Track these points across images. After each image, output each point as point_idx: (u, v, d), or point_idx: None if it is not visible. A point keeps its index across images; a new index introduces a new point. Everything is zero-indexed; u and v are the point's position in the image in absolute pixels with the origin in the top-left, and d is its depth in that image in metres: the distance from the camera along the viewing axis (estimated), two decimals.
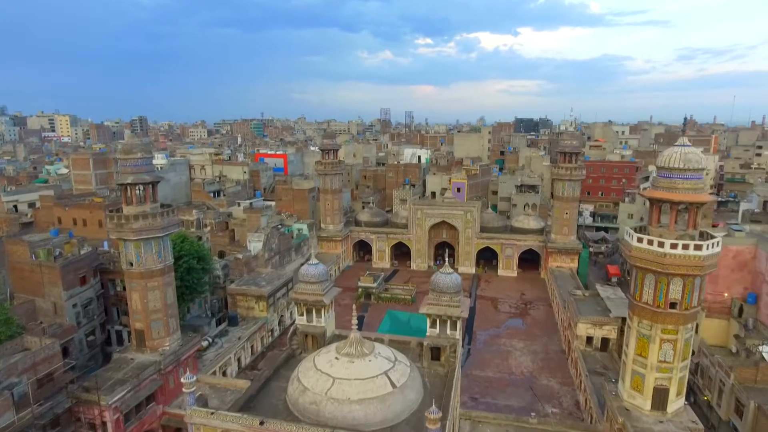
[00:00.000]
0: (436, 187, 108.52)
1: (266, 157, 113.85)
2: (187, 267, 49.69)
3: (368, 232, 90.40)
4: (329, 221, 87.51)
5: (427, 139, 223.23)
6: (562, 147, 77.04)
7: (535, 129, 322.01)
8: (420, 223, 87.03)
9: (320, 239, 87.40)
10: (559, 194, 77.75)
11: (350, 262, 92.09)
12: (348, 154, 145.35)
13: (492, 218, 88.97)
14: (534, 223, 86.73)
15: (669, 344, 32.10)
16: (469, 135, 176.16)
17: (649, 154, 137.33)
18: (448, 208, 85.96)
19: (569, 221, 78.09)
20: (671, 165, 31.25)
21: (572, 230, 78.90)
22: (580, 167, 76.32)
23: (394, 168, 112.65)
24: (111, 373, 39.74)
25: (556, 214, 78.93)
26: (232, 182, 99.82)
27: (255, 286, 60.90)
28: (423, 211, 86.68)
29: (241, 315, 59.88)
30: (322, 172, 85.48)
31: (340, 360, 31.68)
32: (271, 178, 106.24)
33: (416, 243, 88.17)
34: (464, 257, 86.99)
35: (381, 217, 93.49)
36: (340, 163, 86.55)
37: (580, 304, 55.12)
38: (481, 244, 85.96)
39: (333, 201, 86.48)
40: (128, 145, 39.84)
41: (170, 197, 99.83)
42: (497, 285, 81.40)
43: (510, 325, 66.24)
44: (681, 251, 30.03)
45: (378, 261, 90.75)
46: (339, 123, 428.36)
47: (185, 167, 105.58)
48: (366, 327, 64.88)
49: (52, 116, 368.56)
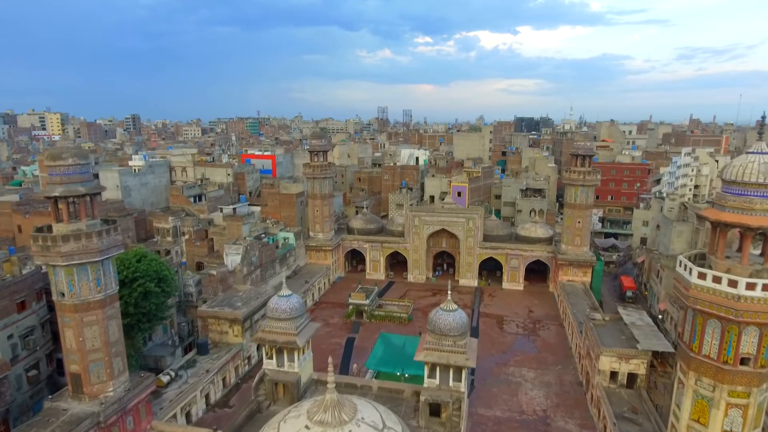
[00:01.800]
0: (435, 190, 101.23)
1: (253, 158, 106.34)
2: (143, 291, 42.27)
3: (361, 241, 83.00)
4: (318, 229, 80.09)
5: (425, 138, 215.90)
6: (575, 149, 69.74)
7: (536, 128, 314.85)
8: (417, 231, 79.69)
9: (308, 249, 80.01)
10: (571, 201, 70.45)
11: (342, 272, 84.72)
12: (342, 154, 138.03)
13: (496, 226, 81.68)
14: (542, 232, 79.46)
15: (738, 410, 24.88)
16: (469, 134, 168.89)
17: (659, 155, 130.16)
18: (448, 216, 78.62)
19: (582, 231, 70.81)
20: (746, 179, 23.88)
21: (585, 241, 71.63)
22: (594, 171, 69.04)
23: (390, 170, 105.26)
24: (37, 429, 32.33)
25: (567, 223, 71.62)
26: (215, 185, 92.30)
27: (229, 308, 53.47)
28: (421, 218, 79.34)
29: (214, 340, 52.48)
30: (311, 176, 78.04)
31: (312, 430, 24.38)
32: (258, 181, 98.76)
33: (413, 253, 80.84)
34: (466, 268, 79.68)
35: (375, 224, 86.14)
36: (330, 165, 79.12)
37: (601, 332, 47.85)
38: (484, 255, 78.65)
39: (322, 207, 79.05)
40: (57, 149, 32.36)
41: (149, 201, 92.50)
42: (502, 300, 74.14)
43: (518, 349, 58.94)
44: (761, 293, 22.72)
45: (372, 272, 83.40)
46: (336, 122, 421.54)
47: (165, 169, 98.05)
48: (356, 352, 57.65)
49: (42, 114, 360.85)
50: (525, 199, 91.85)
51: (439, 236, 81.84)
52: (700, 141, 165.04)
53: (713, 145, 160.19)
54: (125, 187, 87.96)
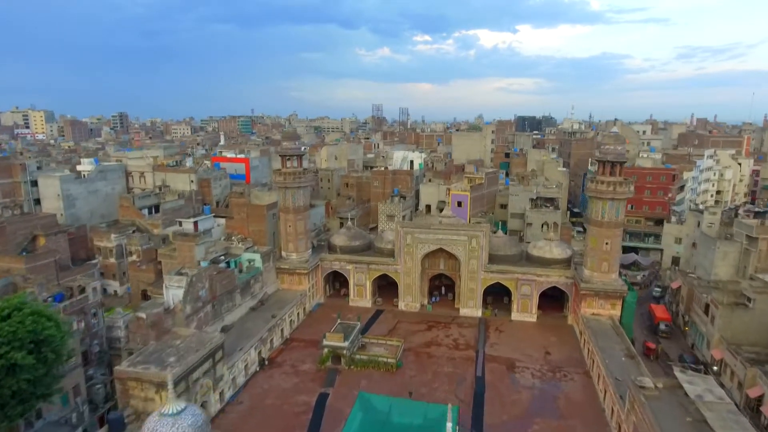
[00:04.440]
0: (432, 199, 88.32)
1: (224, 161, 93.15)
2: (5, 365, 29.31)
3: (344, 261, 70.00)
4: (291, 248, 67.12)
5: (422, 138, 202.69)
6: (603, 153, 56.83)
7: (538, 127, 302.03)
8: (410, 251, 66.78)
9: (280, 272, 67.07)
10: (597, 217, 57.55)
11: (321, 298, 71.79)
12: (330, 156, 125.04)
13: (503, 243, 68.82)
14: (558, 251, 66.62)
15: None
16: (469, 134, 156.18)
17: (680, 158, 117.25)
18: (447, 233, 65.69)
19: (610, 254, 57.94)
20: None
21: (614, 266, 58.78)
22: (626, 182, 56.15)
23: (380, 175, 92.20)
24: None
25: (591, 244, 58.72)
26: (175, 194, 79.24)
27: (157, 365, 40.40)
28: (414, 235, 66.40)
29: (136, 411, 39.49)
30: (282, 185, 65.01)
31: None
32: (228, 188, 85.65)
33: (405, 276, 67.93)
34: (467, 296, 66.80)
35: (361, 240, 73.17)
36: (306, 172, 66.12)
37: (656, 408, 35.00)
38: (489, 280, 65.80)
39: (296, 222, 66.08)
40: None
41: (99, 213, 79.48)
42: (512, 335, 61.28)
43: (536, 411, 45.98)
44: None
45: (356, 298, 70.48)
46: (332, 120, 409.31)
47: (120, 175, 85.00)
48: (329, 416, 44.70)
49: (26, 112, 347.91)
50: (536, 211, 78.99)
51: (436, 256, 68.98)
52: (719, 142, 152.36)
53: (734, 146, 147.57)
54: (68, 196, 74.97)
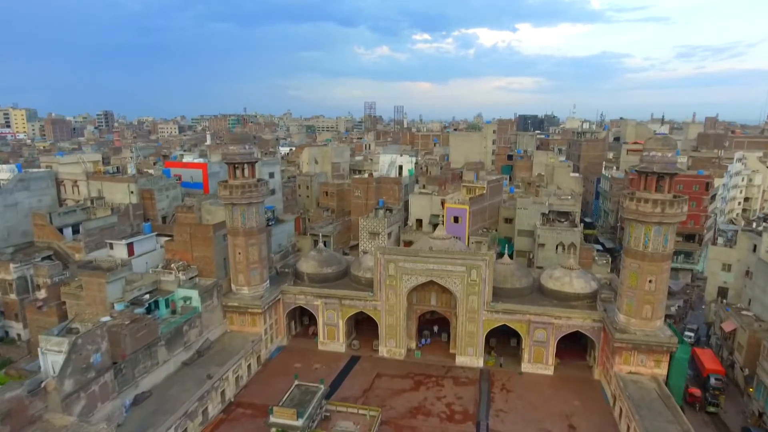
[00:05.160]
0: (424, 212, 74.09)
1: (176, 167, 78.75)
2: None
3: (310, 295, 55.82)
4: (242, 281, 52.89)
5: (418, 138, 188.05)
6: (647, 162, 42.68)
7: (540, 126, 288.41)
8: (393, 283, 52.61)
9: (228, 311, 52.89)
10: (638, 246, 43.38)
11: (284, 340, 57.70)
12: (311, 159, 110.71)
13: (511, 273, 54.71)
14: (580, 284, 52.56)
15: None
16: (468, 134, 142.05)
17: (708, 162, 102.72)
18: (440, 261, 51.48)
19: (655, 295, 43.76)
20: None
21: (659, 311, 44.59)
22: (680, 201, 41.99)
23: (362, 184, 77.81)
24: None
25: (629, 282, 44.52)
26: (107, 208, 64.97)
27: None
28: (398, 265, 52.21)
29: None
30: (228, 201, 50.78)
31: None
32: (180, 200, 71.31)
33: (387, 316, 53.79)
34: (466, 341, 52.66)
35: (335, 266, 59.08)
36: (261, 184, 51.79)
37: None
38: (494, 322, 51.68)
39: (247, 248, 51.82)
40: None
41: (19, 231, 65.23)
42: (523, 398, 47.13)
43: None
44: None
45: (327, 340, 56.35)
46: (327, 119, 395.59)
47: (48, 183, 70.67)
48: None
49: (7, 110, 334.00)
50: (549, 229, 64.77)
51: (427, 289, 54.89)
52: (743, 143, 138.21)
53: (759, 147, 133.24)
54: None
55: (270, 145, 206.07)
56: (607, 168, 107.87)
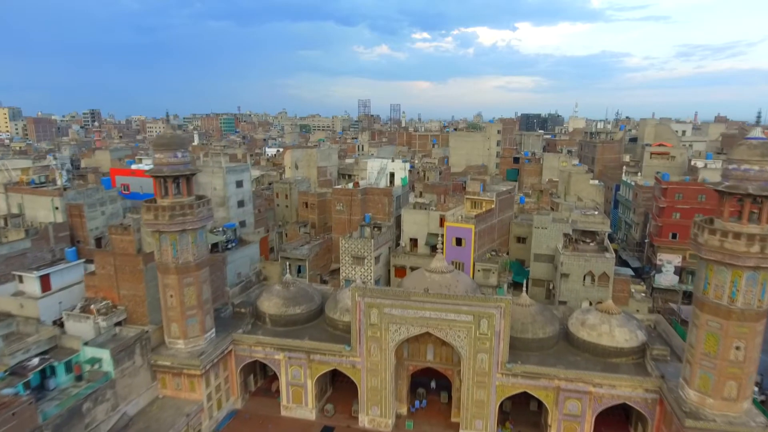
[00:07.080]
0: (420, 230, 61.10)
1: (125, 174, 65.77)
2: None
3: (270, 347, 42.85)
4: (177, 332, 39.92)
5: (415, 138, 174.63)
6: (737, 180, 29.86)
7: (544, 126, 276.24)
8: (377, 335, 39.70)
9: (159, 371, 39.95)
10: (719, 299, 30.50)
11: (237, 402, 44.76)
12: (292, 163, 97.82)
13: (531, 318, 41.83)
14: (623, 335, 39.76)
15: None
16: (469, 134, 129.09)
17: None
18: (439, 308, 38.52)
19: (743, 367, 30.89)
20: None
21: (747, 388, 31.72)
22: None
23: (344, 195, 64.77)
24: None
25: (705, 348, 31.62)
26: (36, 225, 52.00)
27: None
28: (382, 311, 39.25)
29: None
30: (154, 227, 37.83)
31: None
32: (120, 217, 58.31)
33: (370, 376, 40.87)
34: (473, 411, 39.75)
35: (305, 305, 46.23)
36: (202, 204, 38.94)
37: None
38: (511, 388, 38.81)
39: (182, 289, 38.86)
40: None
41: None
42: None
43: None
44: None
45: (292, 404, 43.45)
46: (323, 118, 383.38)
47: None
48: None
49: None
50: (576, 255, 51.74)
51: (422, 341, 42.03)
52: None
53: None
54: None
55: (258, 145, 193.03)
56: (629, 173, 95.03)
